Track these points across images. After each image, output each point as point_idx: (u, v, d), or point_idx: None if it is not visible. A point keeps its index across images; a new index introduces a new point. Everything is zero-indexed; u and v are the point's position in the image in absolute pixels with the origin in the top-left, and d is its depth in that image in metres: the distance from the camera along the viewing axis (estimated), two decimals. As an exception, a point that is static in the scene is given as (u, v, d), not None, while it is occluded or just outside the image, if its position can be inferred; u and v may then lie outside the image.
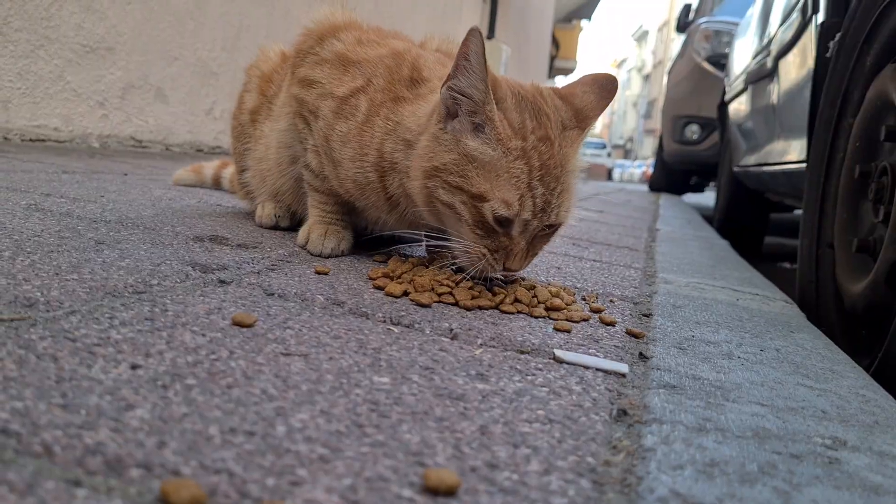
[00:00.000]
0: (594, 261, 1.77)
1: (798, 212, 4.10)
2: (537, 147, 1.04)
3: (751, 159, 3.75)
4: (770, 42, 3.46)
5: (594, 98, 1.14)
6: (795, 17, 2.79)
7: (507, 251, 1.06)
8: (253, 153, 1.62)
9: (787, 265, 4.37)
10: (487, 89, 1.03)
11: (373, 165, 1.20)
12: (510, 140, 1.04)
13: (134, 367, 0.63)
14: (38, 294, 0.80)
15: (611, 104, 1.18)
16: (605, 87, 1.16)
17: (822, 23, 2.23)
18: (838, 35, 1.99)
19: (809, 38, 2.48)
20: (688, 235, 3.02)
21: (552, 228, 1.11)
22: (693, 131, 7.17)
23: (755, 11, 4.34)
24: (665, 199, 6.34)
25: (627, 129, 69.23)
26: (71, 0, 3.34)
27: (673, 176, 8.16)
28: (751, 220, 4.56)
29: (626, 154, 61.18)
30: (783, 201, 3.90)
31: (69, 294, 0.82)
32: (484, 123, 1.05)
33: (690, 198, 9.38)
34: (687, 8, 8.19)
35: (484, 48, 1.02)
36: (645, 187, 12.19)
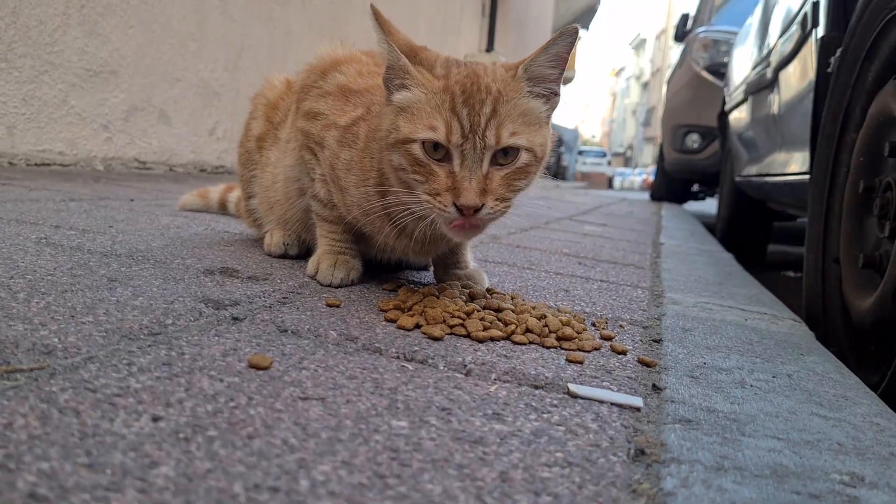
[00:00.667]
0: (601, 281, 1.77)
1: (801, 220, 4.11)
2: (461, 81, 1.08)
3: (752, 169, 3.76)
4: (770, 53, 3.47)
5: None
6: (795, 29, 2.80)
7: (456, 189, 1.05)
8: (260, 180, 1.63)
9: (791, 274, 4.37)
10: (394, 49, 1.10)
11: (375, 188, 1.22)
12: (431, 82, 1.09)
13: (155, 418, 0.64)
14: (56, 340, 0.81)
15: (611, 112, 1.18)
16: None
17: (823, 37, 2.24)
18: (839, 50, 2.00)
19: (810, 52, 2.49)
20: (692, 249, 3.02)
21: (507, 158, 1.08)
22: (693, 140, 7.19)
23: (754, 21, 4.36)
24: (667, 210, 6.35)
25: (627, 137, 69.37)
26: (74, 25, 3.36)
27: (674, 185, 8.17)
28: (753, 229, 4.56)
29: (627, 162, 61.30)
30: (786, 210, 3.90)
31: (86, 339, 0.83)
32: (405, 79, 1.10)
33: (692, 205, 9.39)
34: (685, 17, 8.23)
35: (382, 20, 1.11)
36: (646, 195, 12.19)
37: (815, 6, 2.39)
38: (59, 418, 0.61)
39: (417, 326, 1.07)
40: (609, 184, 30.95)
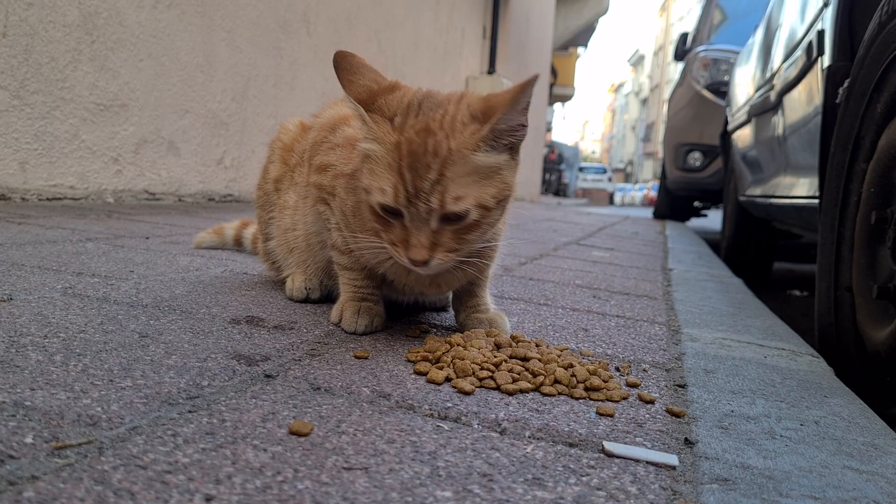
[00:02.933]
0: (618, 317, 1.78)
1: (805, 238, 4.12)
2: (410, 138, 1.09)
3: (757, 190, 3.78)
4: (773, 76, 3.50)
5: (508, 94, 1.13)
6: (800, 55, 2.82)
7: (406, 243, 1.12)
8: (278, 222, 1.65)
9: (797, 293, 4.38)
10: (350, 100, 1.16)
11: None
12: (387, 136, 1.11)
13: (208, 498, 0.65)
14: (99, 409, 0.82)
15: (610, 128, 1.20)
16: (521, 83, 1.14)
17: (829, 66, 2.26)
18: (847, 82, 2.02)
19: (815, 78, 2.52)
20: (702, 275, 3.03)
21: (456, 220, 1.10)
22: (696, 158, 7.23)
23: (755, 41, 4.39)
24: (671, 229, 6.36)
25: (627, 153, 69.67)
26: (85, 60, 3.40)
27: (676, 203, 8.20)
28: (758, 247, 4.58)
29: (627, 177, 61.51)
30: (790, 230, 3.92)
31: (128, 406, 0.84)
32: (365, 129, 1.16)
33: (694, 221, 9.40)
34: (684, 36, 8.29)
35: (342, 69, 1.18)
36: (648, 212, 12.20)
37: (821, 35, 2.42)
38: (115, 502, 0.62)
39: (447, 379, 1.08)
40: (610, 200, 31.02)
